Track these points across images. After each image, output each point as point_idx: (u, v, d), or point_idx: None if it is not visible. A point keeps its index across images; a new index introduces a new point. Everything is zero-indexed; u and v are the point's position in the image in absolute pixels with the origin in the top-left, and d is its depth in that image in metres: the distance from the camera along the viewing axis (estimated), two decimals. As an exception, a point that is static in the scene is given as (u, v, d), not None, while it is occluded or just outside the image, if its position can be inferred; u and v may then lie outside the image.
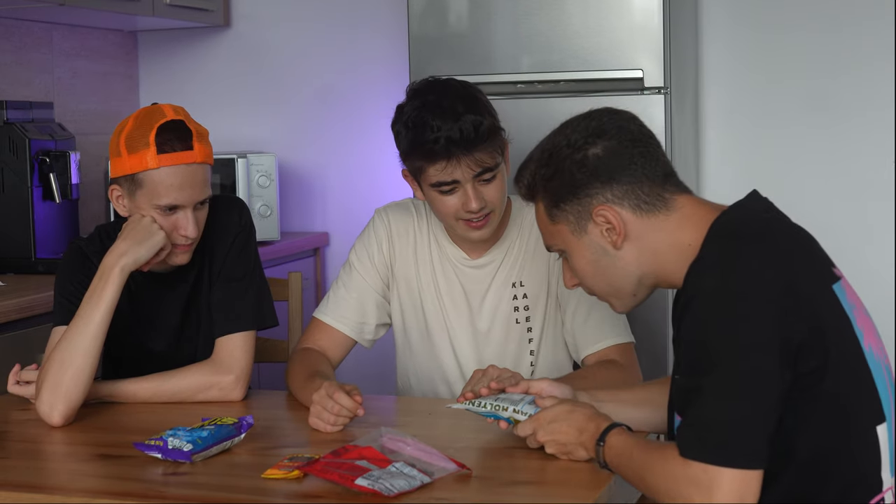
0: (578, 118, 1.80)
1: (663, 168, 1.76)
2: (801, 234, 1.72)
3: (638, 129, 1.77)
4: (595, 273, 1.79)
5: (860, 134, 3.62)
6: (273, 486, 1.74)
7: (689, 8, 3.61)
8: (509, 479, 1.77)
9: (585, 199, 1.74)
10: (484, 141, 2.19)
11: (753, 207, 1.73)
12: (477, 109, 2.20)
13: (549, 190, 1.78)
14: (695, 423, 1.57)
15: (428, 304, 2.40)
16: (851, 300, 1.68)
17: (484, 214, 2.26)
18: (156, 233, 2.18)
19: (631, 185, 1.73)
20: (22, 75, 3.75)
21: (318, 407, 2.03)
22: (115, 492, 1.76)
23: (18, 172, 3.27)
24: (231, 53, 4.27)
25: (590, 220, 1.75)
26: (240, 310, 2.30)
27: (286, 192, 4.18)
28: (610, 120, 1.77)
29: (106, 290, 2.15)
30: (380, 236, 2.42)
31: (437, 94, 2.23)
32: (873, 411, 1.65)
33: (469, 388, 2.00)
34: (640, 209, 1.73)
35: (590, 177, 1.73)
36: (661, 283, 1.79)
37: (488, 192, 2.24)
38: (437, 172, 2.21)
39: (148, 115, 2.19)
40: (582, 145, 1.74)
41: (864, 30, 3.60)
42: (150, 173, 2.17)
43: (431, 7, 3.40)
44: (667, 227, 1.73)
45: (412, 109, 2.23)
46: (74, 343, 2.13)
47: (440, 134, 2.17)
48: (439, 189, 2.24)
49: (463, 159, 2.19)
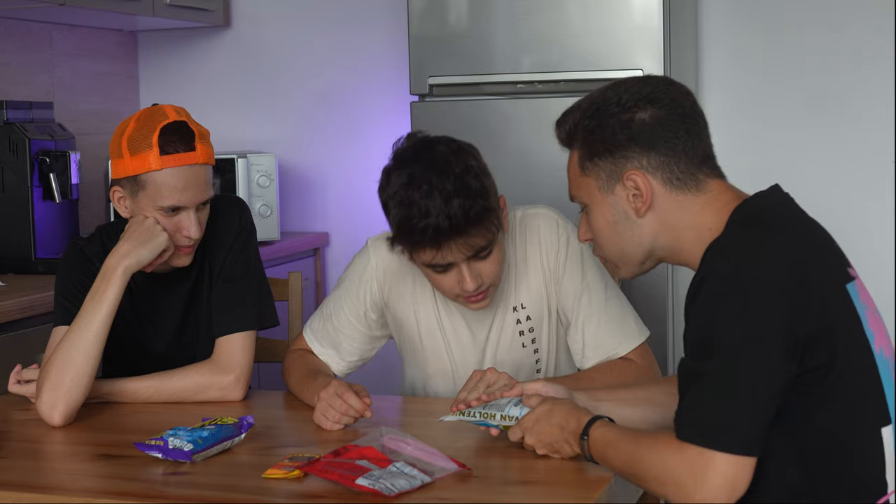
0: (634, 79, 1.78)
1: (704, 149, 1.75)
2: (820, 231, 1.73)
3: (691, 105, 1.76)
4: (611, 235, 1.79)
5: (860, 133, 3.62)
6: (273, 485, 1.74)
7: (689, 8, 3.61)
8: (509, 479, 1.77)
9: (621, 160, 1.73)
10: (474, 225, 2.04)
11: (777, 200, 1.73)
12: (467, 190, 2.03)
13: (588, 142, 1.76)
14: (695, 406, 1.58)
15: (431, 342, 2.31)
16: (864, 301, 1.68)
17: (481, 292, 2.14)
18: (158, 234, 2.18)
19: (668, 157, 1.71)
20: (22, 75, 3.75)
21: (325, 404, 2.03)
22: (116, 492, 1.76)
23: (18, 172, 3.26)
24: (231, 53, 4.27)
25: (619, 182, 1.74)
26: (240, 310, 2.30)
27: (286, 192, 4.18)
28: (666, 90, 1.75)
29: (108, 290, 2.15)
30: (373, 277, 2.31)
31: (422, 166, 2.05)
32: (879, 413, 1.65)
33: (463, 396, 1.99)
34: (671, 184, 1.72)
35: (630, 140, 1.72)
36: (672, 259, 1.78)
37: (485, 269, 2.11)
38: (428, 257, 2.08)
39: (150, 116, 2.19)
40: (631, 107, 1.73)
41: (864, 30, 3.60)
42: (153, 175, 2.16)
43: (431, 7, 3.40)
44: (692, 208, 1.72)
45: (398, 185, 2.06)
46: (76, 343, 2.13)
47: (428, 222, 2.01)
48: (433, 269, 2.12)
49: (454, 245, 2.05)
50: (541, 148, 3.30)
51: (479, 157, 2.13)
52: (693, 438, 1.56)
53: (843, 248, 1.76)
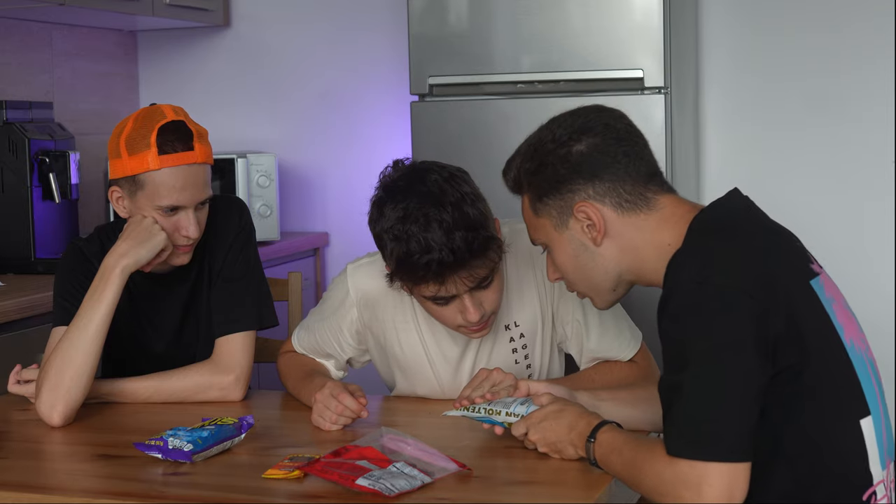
0: (566, 114, 1.81)
1: (647, 167, 1.76)
2: (779, 231, 1.74)
3: (625, 127, 1.78)
4: (575, 268, 1.80)
5: (860, 134, 3.62)
6: (273, 486, 1.74)
7: (689, 8, 3.60)
8: (509, 479, 1.77)
9: (568, 195, 1.75)
10: (478, 256, 1.98)
11: (731, 206, 1.74)
12: (467, 220, 1.96)
13: (533, 184, 1.79)
14: (677, 420, 1.58)
15: (417, 367, 2.25)
16: (830, 294, 1.69)
17: (483, 321, 2.08)
18: (157, 234, 2.18)
19: (613, 183, 1.73)
20: (22, 75, 3.75)
21: (321, 406, 2.03)
22: (115, 492, 1.76)
23: (18, 172, 3.26)
24: (231, 53, 4.26)
25: (571, 216, 1.76)
26: (239, 310, 2.30)
27: (286, 192, 4.18)
28: (597, 117, 1.78)
29: (107, 290, 2.15)
30: (350, 307, 2.24)
31: (418, 198, 1.97)
32: (857, 405, 1.65)
33: (468, 393, 1.99)
34: (621, 207, 1.74)
35: (572, 173, 1.74)
36: (641, 280, 1.80)
37: (487, 298, 2.05)
38: (431, 291, 2.02)
39: (148, 115, 2.19)
40: (566, 141, 1.75)
41: (864, 30, 3.59)
42: (152, 174, 2.16)
43: (431, 7, 3.40)
44: (647, 227, 1.74)
45: (394, 219, 1.98)
46: (75, 343, 2.13)
47: (431, 257, 1.94)
48: (434, 302, 2.05)
49: (457, 278, 1.99)
50: (541, 148, 3.30)
51: (472, 182, 2.06)
52: (682, 452, 1.56)
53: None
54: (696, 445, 1.55)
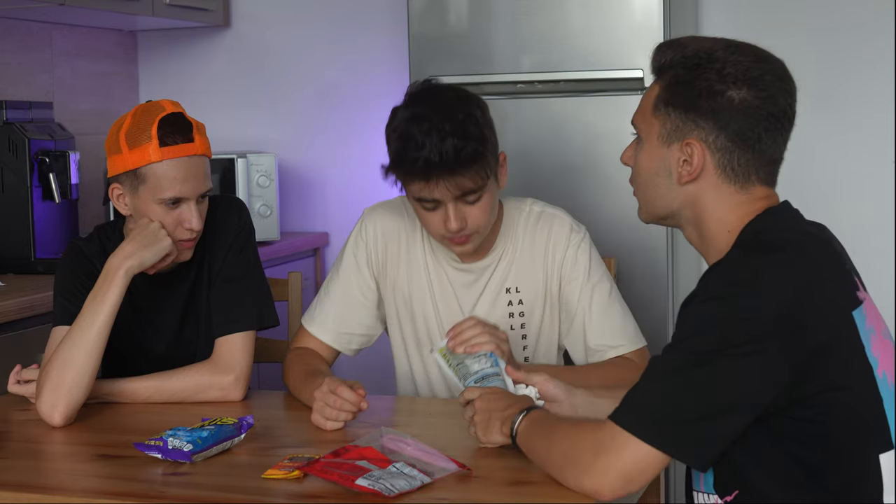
0: (752, 54, 1.71)
1: (772, 154, 1.71)
2: (829, 252, 1.69)
3: (785, 106, 1.71)
4: (647, 181, 1.76)
5: (860, 136, 3.62)
6: (273, 486, 1.74)
7: (689, 8, 3.61)
8: (509, 479, 1.77)
9: (690, 123, 1.69)
10: (465, 165, 2.12)
11: (787, 218, 1.71)
12: (463, 132, 2.12)
13: (671, 90, 1.71)
14: (635, 391, 1.61)
15: (421, 308, 2.37)
16: (871, 325, 1.65)
17: (465, 235, 2.21)
18: (163, 239, 2.19)
19: (736, 145, 1.68)
20: (22, 75, 3.75)
21: (321, 403, 2.03)
22: (115, 492, 1.76)
23: (18, 172, 3.26)
24: (231, 53, 4.27)
25: (679, 141, 1.70)
26: (239, 310, 2.30)
27: (286, 192, 4.18)
28: (772, 81, 1.70)
29: (110, 291, 2.15)
30: (368, 240, 2.38)
31: (428, 107, 2.16)
32: (880, 439, 1.63)
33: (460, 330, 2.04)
34: (723, 169, 1.69)
35: (709, 112, 1.67)
36: (688, 234, 1.77)
37: (471, 213, 2.19)
38: (417, 190, 2.17)
39: (146, 110, 2.20)
40: (731, 82, 1.67)
41: (864, 32, 3.59)
42: (153, 167, 2.17)
43: (431, 7, 3.40)
44: (727, 201, 1.70)
45: (402, 119, 2.17)
46: (77, 343, 2.13)
47: (420, 154, 2.11)
48: (422, 204, 2.20)
49: (442, 182, 2.13)
50: (540, 148, 3.30)
51: (486, 111, 2.22)
52: (617, 418, 1.59)
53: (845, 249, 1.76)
54: (631, 415, 1.58)
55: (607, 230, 3.15)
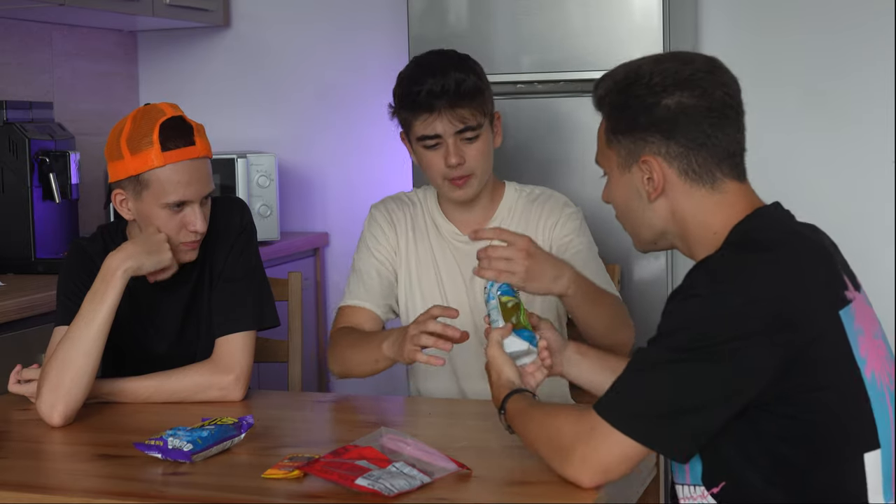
0: (675, 57, 1.74)
1: (728, 146, 1.72)
2: (818, 251, 1.69)
3: (722, 98, 1.72)
4: (625, 210, 1.79)
5: (860, 135, 3.62)
6: (273, 486, 1.74)
7: (688, 8, 3.61)
8: (509, 479, 1.77)
9: (640, 143, 1.71)
10: (466, 98, 2.29)
11: (776, 217, 1.72)
12: (464, 69, 2.32)
13: (612, 118, 1.75)
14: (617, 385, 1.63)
15: (428, 283, 2.45)
16: (860, 325, 1.65)
17: (463, 174, 2.33)
18: (165, 252, 2.20)
19: (687, 149, 1.69)
20: (22, 75, 3.75)
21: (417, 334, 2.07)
22: (115, 492, 1.76)
23: (18, 172, 3.27)
24: (231, 53, 4.27)
25: (636, 163, 1.72)
26: (240, 310, 2.30)
27: (286, 192, 4.18)
28: (703, 77, 1.71)
29: (108, 291, 2.15)
30: (382, 224, 2.50)
31: (432, 56, 2.39)
32: (864, 439, 1.63)
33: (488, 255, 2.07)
34: (686, 175, 1.70)
35: (651, 126, 1.70)
36: (680, 248, 1.78)
37: (469, 151, 2.33)
38: (420, 126, 2.32)
39: (146, 114, 2.20)
40: (660, 91, 1.69)
41: (863, 31, 3.59)
42: (156, 172, 2.17)
43: (431, 7, 3.40)
44: (703, 204, 1.71)
45: (407, 69, 2.38)
46: (76, 344, 2.13)
47: (423, 87, 2.29)
48: (423, 144, 2.33)
49: (444, 114, 2.29)
50: (540, 148, 3.30)
51: (483, 71, 2.38)
52: (600, 409, 1.61)
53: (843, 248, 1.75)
54: (613, 407, 1.60)
55: (607, 230, 3.14)
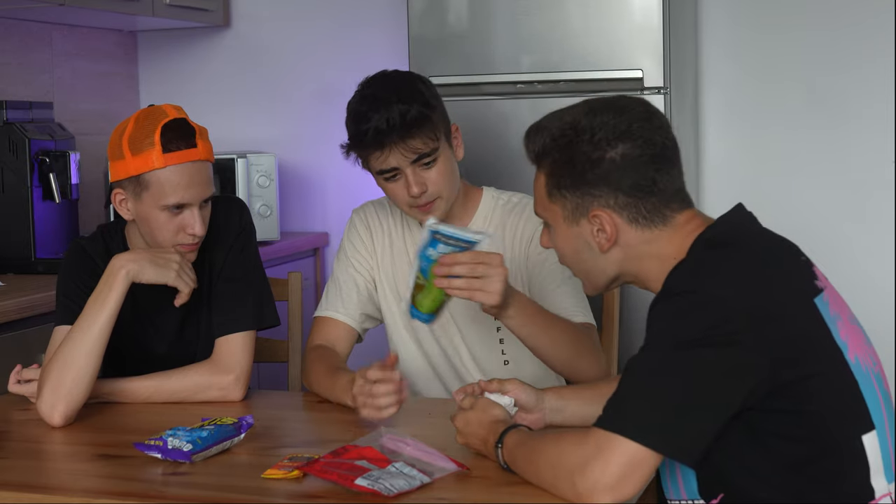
0: (611, 108, 1.72)
1: (674, 184, 1.73)
2: (783, 246, 1.72)
3: (663, 142, 1.72)
4: (575, 260, 1.80)
5: (860, 134, 3.62)
6: (273, 486, 1.75)
7: (689, 8, 3.61)
8: (509, 479, 1.77)
9: (588, 197, 1.72)
10: (413, 127, 2.22)
11: (736, 221, 1.74)
12: (408, 97, 2.24)
13: (555, 173, 1.75)
14: (616, 397, 1.60)
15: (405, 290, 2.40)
16: (835, 311, 1.67)
17: (428, 200, 2.28)
18: (172, 269, 2.19)
19: (637, 198, 1.70)
20: (22, 75, 3.75)
21: (363, 398, 2.03)
22: (115, 492, 1.76)
23: (18, 172, 3.27)
24: (231, 53, 4.27)
25: (585, 217, 1.73)
26: (240, 310, 2.30)
27: (286, 192, 4.18)
28: (641, 126, 1.71)
29: (111, 293, 2.15)
30: (360, 232, 2.48)
31: (375, 87, 2.29)
32: (860, 421, 1.64)
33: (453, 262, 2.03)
34: (637, 222, 1.72)
35: (599, 179, 1.70)
36: (638, 284, 1.79)
37: (430, 177, 2.27)
38: (376, 162, 2.27)
39: (149, 115, 2.20)
40: (604, 145, 1.69)
41: (864, 29, 3.60)
42: (156, 173, 2.17)
43: (431, 7, 3.40)
44: (657, 240, 1.72)
45: (352, 103, 2.30)
46: (77, 344, 2.13)
47: (369, 125, 2.23)
48: (383, 177, 2.29)
49: (396, 148, 2.23)
50: (540, 148, 3.30)
51: (431, 86, 2.33)
52: (601, 423, 1.58)
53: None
54: (617, 418, 1.57)
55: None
